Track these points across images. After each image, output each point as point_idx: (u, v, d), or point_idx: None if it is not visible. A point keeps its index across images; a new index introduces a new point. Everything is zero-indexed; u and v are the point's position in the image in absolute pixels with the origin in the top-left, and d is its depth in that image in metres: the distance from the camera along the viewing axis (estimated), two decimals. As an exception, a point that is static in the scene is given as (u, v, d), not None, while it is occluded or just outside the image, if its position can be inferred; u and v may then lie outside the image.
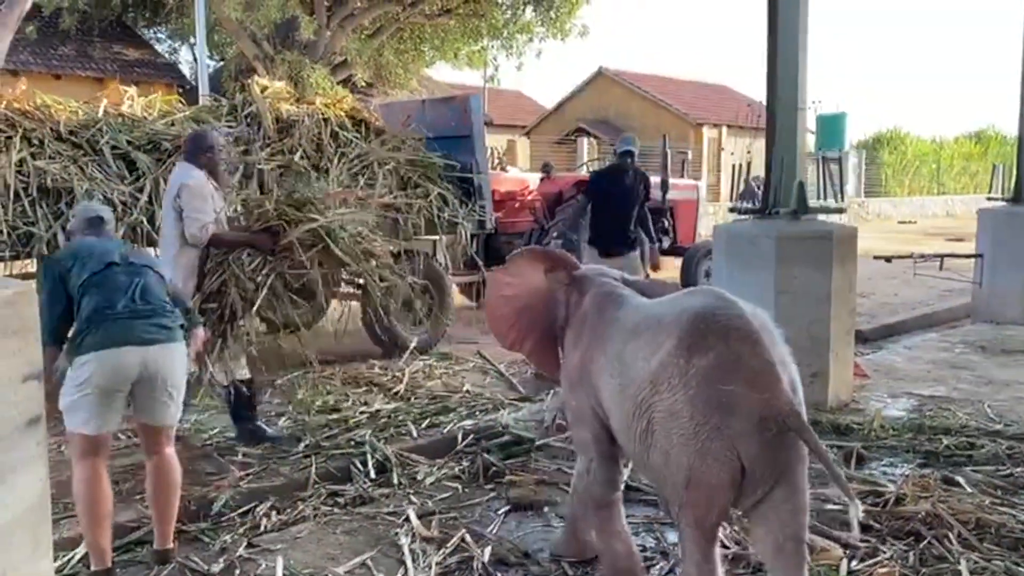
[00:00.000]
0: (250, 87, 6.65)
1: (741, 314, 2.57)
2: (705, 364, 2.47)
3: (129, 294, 3.15)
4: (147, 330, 3.12)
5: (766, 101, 5.67)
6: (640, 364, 2.63)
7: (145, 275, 3.25)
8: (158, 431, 3.31)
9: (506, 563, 3.36)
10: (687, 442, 2.47)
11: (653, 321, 2.72)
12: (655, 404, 2.54)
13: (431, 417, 5.26)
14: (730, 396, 2.42)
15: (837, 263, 5.24)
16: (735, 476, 2.45)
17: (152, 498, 3.39)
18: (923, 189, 31.81)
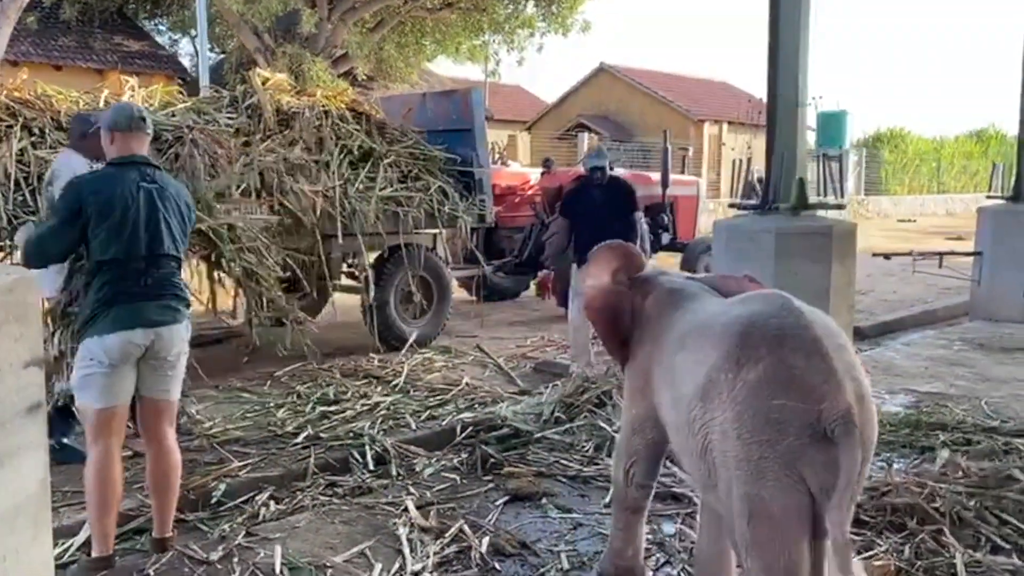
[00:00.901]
0: (251, 78, 6.64)
1: (799, 321, 2.30)
2: (754, 377, 2.22)
3: (143, 278, 3.22)
4: (157, 312, 3.25)
5: (767, 97, 5.68)
6: (689, 378, 2.40)
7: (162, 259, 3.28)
8: (159, 412, 3.36)
9: (504, 553, 3.38)
10: (738, 465, 2.21)
11: (703, 329, 2.48)
12: (709, 424, 2.30)
13: (430, 410, 5.28)
14: (782, 411, 2.16)
15: (836, 259, 5.25)
16: (802, 503, 2.16)
17: (153, 487, 3.41)
18: (923, 187, 31.82)
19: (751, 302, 2.49)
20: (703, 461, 2.36)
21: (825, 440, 2.13)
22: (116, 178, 3.25)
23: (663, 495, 3.95)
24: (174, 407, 3.46)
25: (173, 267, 3.34)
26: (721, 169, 25.41)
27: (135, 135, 3.31)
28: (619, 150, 22.10)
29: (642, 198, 9.59)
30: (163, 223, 3.27)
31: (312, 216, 6.07)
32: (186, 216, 3.40)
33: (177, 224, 3.33)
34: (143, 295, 3.23)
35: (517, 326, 8.45)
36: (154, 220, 3.25)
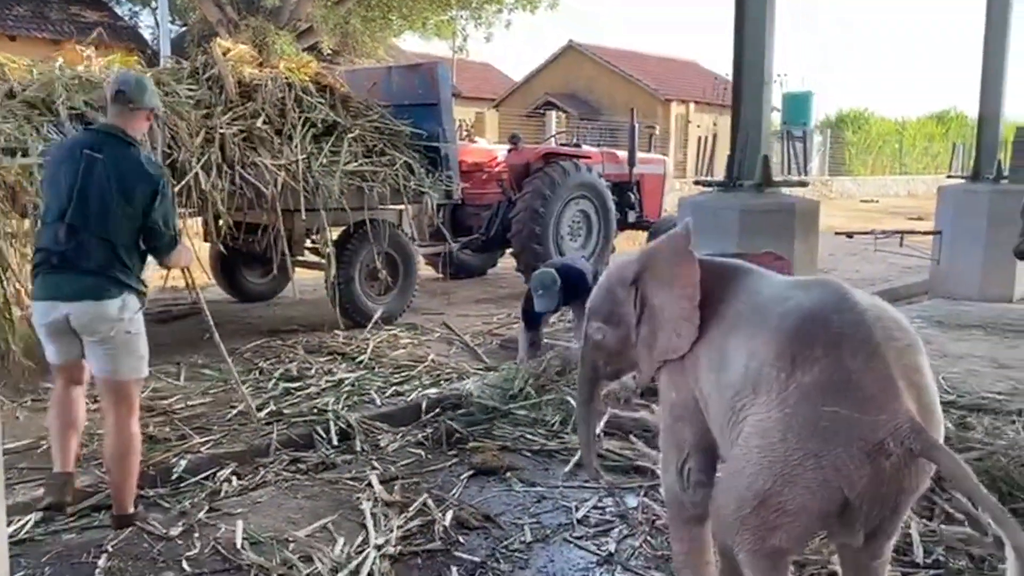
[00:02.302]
0: (212, 49, 6.50)
1: (859, 318, 2.16)
2: (809, 381, 2.09)
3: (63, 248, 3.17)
4: (73, 286, 3.19)
5: (732, 75, 5.69)
6: (738, 365, 2.27)
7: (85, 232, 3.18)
8: (104, 388, 3.36)
9: (468, 526, 3.39)
10: (770, 465, 2.11)
11: (758, 314, 2.32)
12: (749, 415, 2.20)
13: (395, 386, 5.26)
14: (834, 419, 2.04)
15: (799, 236, 5.30)
16: (829, 508, 2.09)
17: (108, 461, 3.39)
18: (886, 168, 32.26)
19: (808, 290, 2.33)
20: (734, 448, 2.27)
21: (879, 452, 2.02)
22: (69, 144, 3.30)
23: (626, 468, 3.99)
24: (119, 386, 3.33)
25: (102, 242, 3.19)
26: (688, 148, 25.53)
27: (115, 104, 3.33)
28: (587, 129, 22.11)
29: (609, 176, 9.67)
30: (94, 196, 3.17)
31: (274, 190, 5.97)
32: (125, 192, 3.19)
33: (111, 199, 3.17)
34: (60, 266, 3.19)
35: (484, 303, 8.44)
36: (84, 190, 3.17)
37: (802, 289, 2.36)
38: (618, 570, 3.07)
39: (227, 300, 7.93)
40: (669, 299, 2.54)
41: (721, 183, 5.78)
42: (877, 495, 2.07)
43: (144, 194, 3.23)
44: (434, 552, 3.17)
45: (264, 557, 3.08)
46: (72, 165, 3.21)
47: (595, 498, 3.67)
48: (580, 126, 22.46)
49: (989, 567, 3.00)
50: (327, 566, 2.98)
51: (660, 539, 3.29)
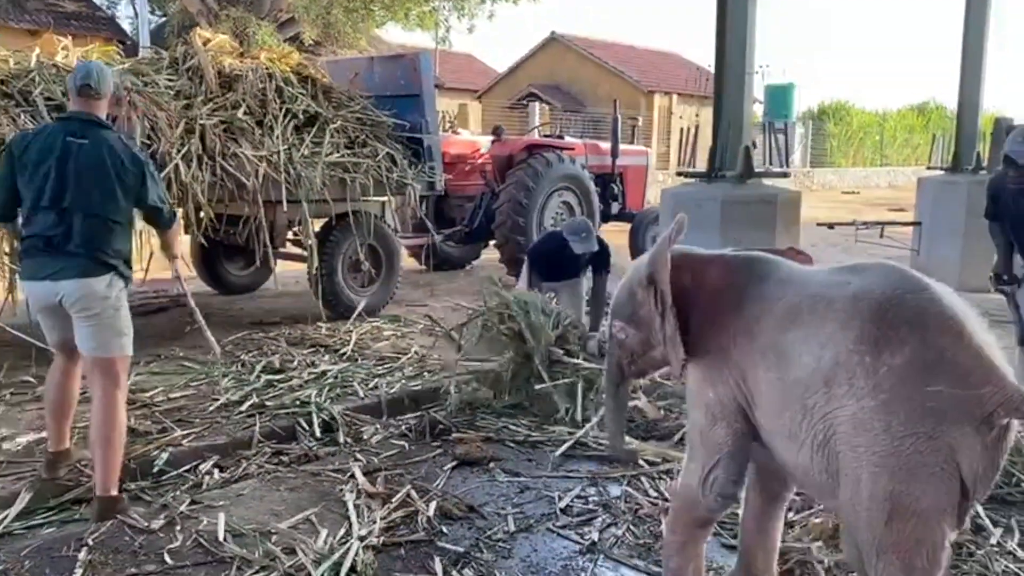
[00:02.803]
0: (192, 39, 6.44)
1: (935, 296, 2.11)
2: (901, 362, 2.01)
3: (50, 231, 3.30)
4: (62, 265, 3.31)
5: (715, 66, 5.71)
6: (806, 360, 2.15)
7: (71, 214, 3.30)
8: (90, 365, 3.45)
9: (451, 517, 3.39)
10: (884, 461, 2.00)
11: (818, 304, 2.20)
12: (834, 413, 2.08)
13: (378, 378, 5.24)
14: (939, 398, 1.98)
15: (781, 226, 5.33)
16: (954, 498, 2.01)
17: (93, 441, 3.42)
18: (867, 160, 32.48)
19: (865, 274, 2.24)
20: (820, 453, 2.14)
21: (985, 426, 1.98)
22: (47, 132, 3.41)
23: (611, 458, 4.00)
24: (106, 363, 3.42)
25: (86, 222, 3.31)
26: (671, 140, 25.58)
27: (80, 97, 3.44)
28: (570, 120, 22.10)
29: (592, 167, 9.69)
30: (75, 178, 3.29)
31: (255, 181, 5.93)
32: (116, 174, 3.33)
33: (99, 181, 3.31)
34: (49, 248, 3.32)
35: (468, 295, 8.42)
36: (65, 174, 3.29)
37: (855, 273, 2.26)
38: (600, 559, 3.08)
39: (209, 292, 7.88)
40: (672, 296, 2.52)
41: (703, 174, 5.81)
42: (986, 472, 2.02)
43: (136, 175, 3.40)
44: (417, 543, 3.17)
45: (247, 549, 3.06)
46: (58, 152, 3.31)
47: (578, 488, 3.68)
48: (563, 117, 22.45)
49: (967, 553, 3.03)
50: (310, 558, 2.97)
51: (642, 528, 3.31)
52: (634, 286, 2.66)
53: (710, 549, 3.11)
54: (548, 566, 3.03)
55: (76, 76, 3.44)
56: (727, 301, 2.44)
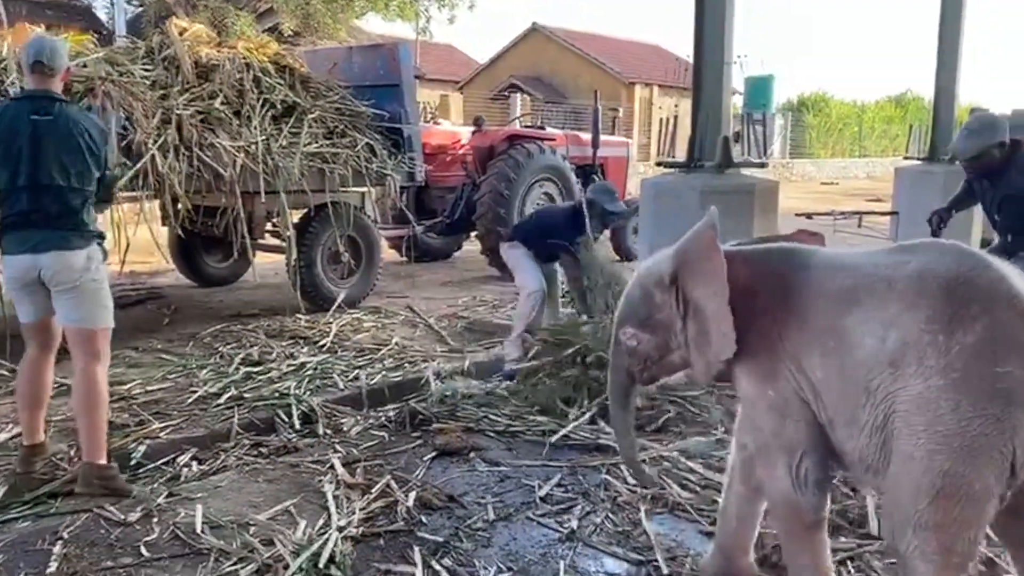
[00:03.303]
0: (168, 28, 6.37)
1: (1000, 274, 2.06)
2: (972, 340, 1.97)
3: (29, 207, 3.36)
4: (42, 239, 3.36)
5: (693, 56, 5.70)
6: (870, 341, 2.09)
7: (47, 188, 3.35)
8: (71, 337, 3.49)
9: (431, 507, 3.38)
10: (946, 441, 1.97)
11: (877, 286, 2.14)
12: (897, 393, 2.05)
13: (359, 369, 5.23)
14: (1009, 379, 1.95)
15: (759, 216, 5.34)
16: (1003, 483, 2.00)
17: (77, 413, 3.51)
18: (845, 151, 32.72)
19: (923, 252, 2.18)
20: (878, 434, 2.10)
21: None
22: (10, 114, 3.42)
23: (589, 447, 4.02)
24: (88, 335, 3.47)
25: (64, 196, 3.37)
26: (651, 132, 25.62)
27: (34, 74, 3.45)
28: (551, 112, 22.08)
29: (573, 159, 9.69)
30: (49, 154, 3.33)
31: (233, 172, 5.88)
32: (87, 146, 3.38)
33: (71, 155, 3.35)
34: (27, 223, 3.37)
35: (449, 286, 8.42)
36: (39, 152, 3.33)
37: (909, 253, 2.21)
38: (580, 546, 3.09)
39: (187, 284, 7.83)
40: (705, 296, 2.38)
41: (682, 164, 5.81)
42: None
43: (102, 144, 3.48)
44: (397, 532, 3.16)
45: (224, 541, 3.04)
46: (23, 132, 3.33)
47: (558, 477, 3.69)
48: (544, 109, 22.44)
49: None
50: (288, 548, 2.96)
51: (621, 516, 3.32)
52: (649, 287, 2.51)
53: (686, 536, 3.15)
54: (527, 554, 3.04)
55: (28, 53, 3.44)
56: (770, 295, 2.34)
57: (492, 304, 7.33)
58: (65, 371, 4.01)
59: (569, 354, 4.68)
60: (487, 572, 2.89)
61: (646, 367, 2.61)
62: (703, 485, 3.52)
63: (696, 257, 2.39)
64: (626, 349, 2.60)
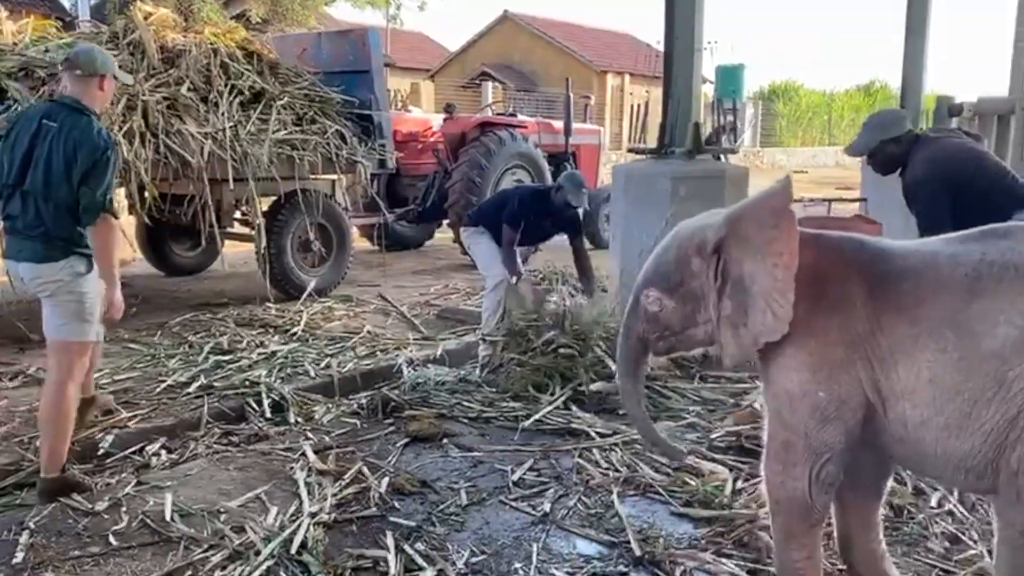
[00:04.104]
0: (132, 13, 6.26)
1: None
2: None
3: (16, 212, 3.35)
4: (20, 247, 3.36)
5: (664, 42, 5.72)
6: (1004, 331, 1.99)
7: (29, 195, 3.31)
8: (49, 345, 3.45)
9: (403, 492, 3.38)
10: None
11: (1004, 273, 2.04)
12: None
13: (329, 357, 5.19)
14: None
15: (729, 202, 5.32)
16: None
17: (40, 421, 3.47)
18: (815, 140, 33.01)
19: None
20: (1012, 427, 2.00)
21: None
22: (30, 114, 3.48)
23: (562, 431, 4.03)
24: (58, 346, 3.41)
25: (42, 206, 3.29)
26: (623, 120, 25.67)
27: (65, 73, 3.51)
28: (523, 100, 22.03)
29: (545, 146, 9.68)
30: (38, 161, 3.28)
31: (200, 159, 5.80)
32: (67, 161, 3.25)
33: (55, 166, 3.26)
34: (14, 230, 3.38)
35: (421, 275, 8.40)
36: (31, 156, 3.30)
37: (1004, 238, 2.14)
38: (552, 529, 3.10)
39: (154, 274, 7.73)
40: (761, 270, 2.21)
41: (653, 151, 5.83)
42: None
43: (85, 158, 3.28)
44: (369, 518, 3.15)
45: (195, 528, 3.02)
46: (28, 133, 3.34)
47: (531, 461, 3.69)
48: (516, 97, 22.38)
49: (908, 515, 3.12)
50: (259, 535, 2.93)
51: (594, 498, 3.34)
52: (688, 252, 2.33)
53: (658, 517, 3.17)
54: (500, 537, 3.04)
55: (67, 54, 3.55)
56: (850, 285, 2.17)
57: (464, 292, 7.32)
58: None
59: (539, 343, 4.69)
60: (460, 556, 2.89)
61: (663, 337, 2.44)
62: (674, 467, 3.54)
63: (756, 226, 2.23)
64: (645, 314, 2.42)
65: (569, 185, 5.15)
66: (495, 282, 5.24)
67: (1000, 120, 9.30)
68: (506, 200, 5.40)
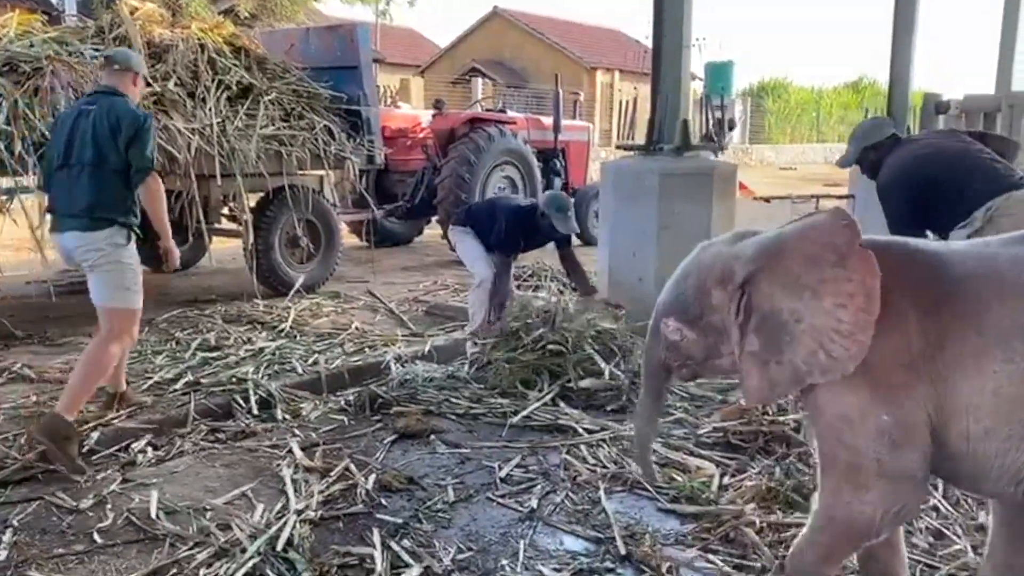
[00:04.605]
0: (118, 7, 6.21)
1: None
2: None
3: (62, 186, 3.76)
4: (65, 218, 3.73)
5: (652, 39, 5.73)
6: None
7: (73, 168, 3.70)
8: (98, 311, 3.81)
9: (391, 489, 3.37)
10: None
11: None
12: None
13: (318, 354, 5.18)
14: None
15: (717, 199, 5.40)
16: None
17: (74, 370, 3.80)
18: (804, 137, 33.13)
19: None
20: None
21: None
22: (78, 104, 4.00)
23: (550, 428, 4.04)
24: (105, 312, 3.78)
25: (84, 179, 3.67)
26: (613, 117, 25.69)
27: (103, 70, 4.10)
28: (513, 96, 22.01)
29: (535, 143, 9.68)
30: (78, 139, 3.69)
31: (187, 155, 5.76)
32: (110, 131, 3.65)
33: (95, 140, 3.65)
34: (60, 204, 3.77)
35: (410, 271, 8.38)
36: (74, 137, 3.71)
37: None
38: (539, 525, 3.10)
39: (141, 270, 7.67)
40: (814, 309, 2.06)
41: (642, 147, 5.84)
42: None
43: (128, 127, 3.68)
44: (356, 515, 3.15)
45: (180, 526, 3.00)
46: (70, 120, 3.79)
47: (518, 458, 3.69)
48: (506, 94, 22.36)
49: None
50: (245, 532, 2.92)
51: (581, 495, 3.34)
52: (708, 283, 2.22)
53: (645, 513, 3.18)
54: (487, 534, 3.04)
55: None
56: (903, 300, 2.02)
57: (453, 288, 7.31)
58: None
59: (529, 340, 4.69)
60: (447, 553, 2.88)
61: (685, 364, 2.35)
62: (662, 464, 3.55)
63: (806, 263, 2.08)
64: (665, 343, 2.31)
65: (554, 211, 5.03)
66: (480, 279, 5.24)
67: (986, 117, 9.35)
68: (495, 213, 5.29)
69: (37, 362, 4.87)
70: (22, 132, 5.10)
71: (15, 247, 7.48)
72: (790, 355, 2.09)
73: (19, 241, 6.57)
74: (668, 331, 2.29)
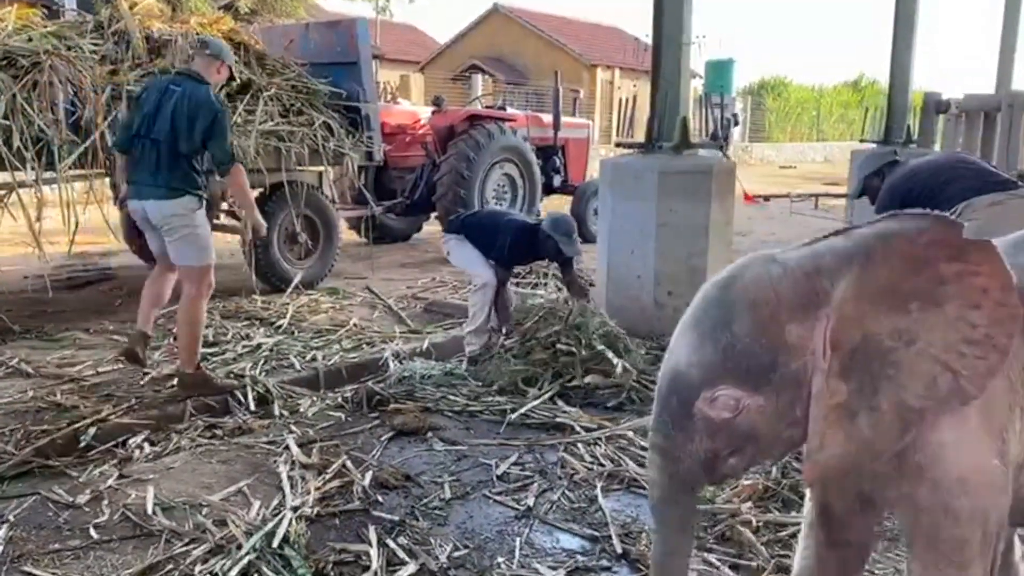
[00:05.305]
0: (118, 2, 6.20)
1: None
2: None
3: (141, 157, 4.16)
4: (145, 186, 4.14)
5: (652, 36, 5.71)
6: None
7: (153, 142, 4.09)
8: (179, 271, 4.32)
9: (387, 486, 3.37)
10: None
11: None
12: None
13: (315, 350, 5.18)
14: None
15: (715, 197, 5.38)
16: None
17: (178, 328, 4.42)
18: (803, 135, 33.12)
19: None
20: None
21: None
22: (159, 82, 4.34)
23: (547, 426, 4.04)
24: (186, 271, 4.27)
25: (164, 152, 4.06)
26: (612, 114, 25.67)
27: (195, 53, 4.61)
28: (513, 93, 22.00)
29: (534, 140, 9.67)
30: (164, 116, 4.06)
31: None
32: (190, 115, 4.03)
33: (178, 120, 4.03)
34: (141, 172, 4.15)
35: (409, 268, 8.37)
36: (159, 114, 4.08)
37: None
38: (536, 523, 3.10)
39: (139, 265, 7.66)
40: (932, 321, 1.57)
41: (641, 145, 5.83)
42: None
43: (205, 116, 4.06)
44: (352, 512, 3.15)
45: (176, 522, 3.00)
46: (157, 94, 4.17)
47: (515, 455, 3.69)
48: (506, 91, 22.34)
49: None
50: (241, 529, 2.92)
51: (578, 493, 3.34)
52: (780, 315, 1.60)
53: (642, 512, 3.18)
54: (483, 532, 3.04)
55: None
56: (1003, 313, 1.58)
57: (452, 286, 7.29)
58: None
59: (542, 337, 4.69)
60: (443, 550, 2.88)
61: (738, 451, 1.67)
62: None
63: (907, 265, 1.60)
64: (707, 427, 1.64)
65: (559, 236, 4.95)
66: (484, 281, 5.20)
67: (987, 117, 9.35)
68: (498, 228, 5.18)
69: (34, 357, 4.86)
70: (20, 127, 5.09)
71: (12, 242, 7.48)
72: (894, 394, 1.58)
73: (16, 236, 6.56)
74: (716, 408, 1.62)
